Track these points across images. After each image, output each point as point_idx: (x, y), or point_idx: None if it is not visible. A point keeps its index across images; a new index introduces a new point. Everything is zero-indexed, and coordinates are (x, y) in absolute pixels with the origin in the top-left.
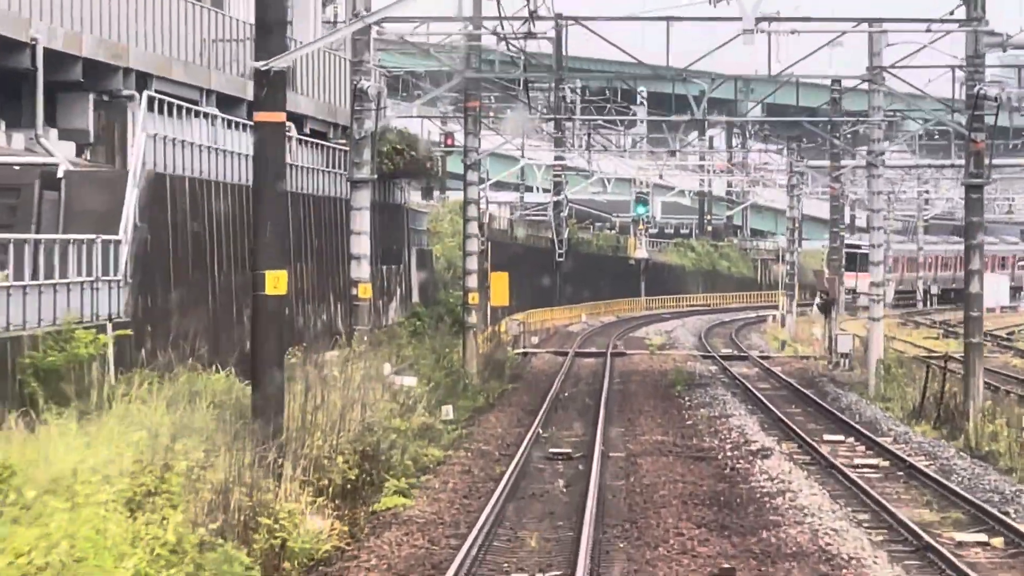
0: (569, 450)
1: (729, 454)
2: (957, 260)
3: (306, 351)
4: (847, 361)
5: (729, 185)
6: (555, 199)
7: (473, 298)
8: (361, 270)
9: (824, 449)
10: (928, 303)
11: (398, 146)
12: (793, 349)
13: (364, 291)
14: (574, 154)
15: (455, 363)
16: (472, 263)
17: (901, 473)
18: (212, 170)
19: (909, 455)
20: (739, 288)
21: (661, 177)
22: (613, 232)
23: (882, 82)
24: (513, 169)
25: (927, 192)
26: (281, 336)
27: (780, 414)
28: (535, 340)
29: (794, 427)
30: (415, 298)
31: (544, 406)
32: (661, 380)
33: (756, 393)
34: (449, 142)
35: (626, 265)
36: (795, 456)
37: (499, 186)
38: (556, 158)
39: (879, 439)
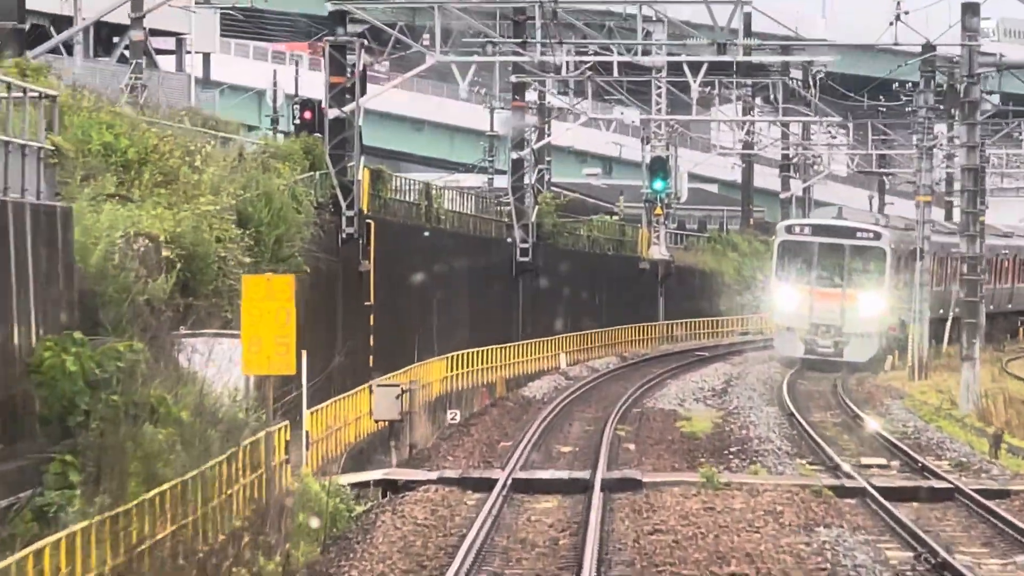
0: None
1: None
2: None
3: None
4: None
5: (784, 148)
6: (515, 155)
7: None
8: None
9: None
10: None
11: None
12: (1011, 448)
13: None
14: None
15: None
16: None
17: None
18: None
19: None
20: None
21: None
22: (615, 219)
23: None
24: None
25: None
26: None
27: None
28: (452, 419)
29: None
30: None
31: None
32: None
33: None
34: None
35: (635, 271)
36: None
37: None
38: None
39: None
